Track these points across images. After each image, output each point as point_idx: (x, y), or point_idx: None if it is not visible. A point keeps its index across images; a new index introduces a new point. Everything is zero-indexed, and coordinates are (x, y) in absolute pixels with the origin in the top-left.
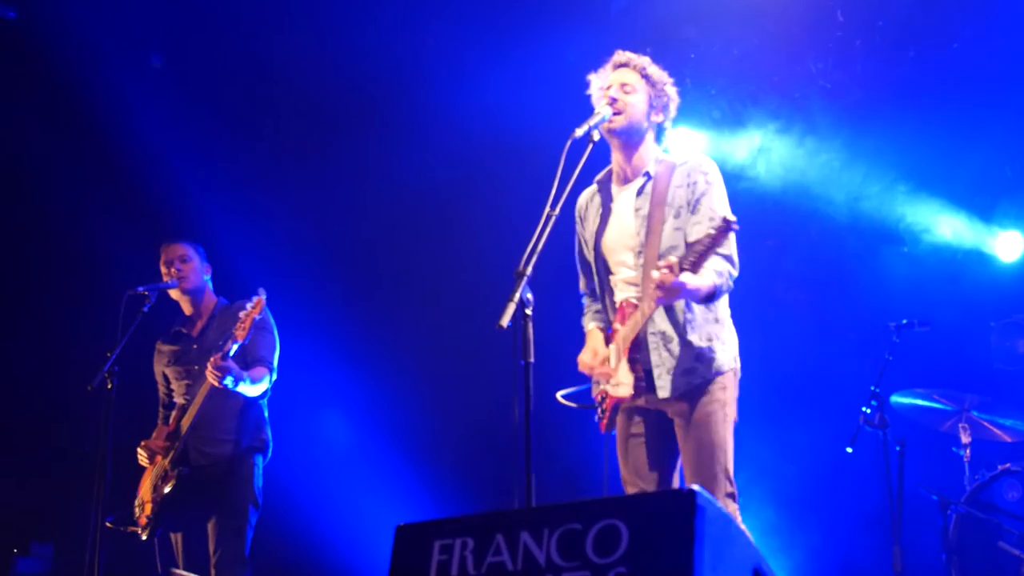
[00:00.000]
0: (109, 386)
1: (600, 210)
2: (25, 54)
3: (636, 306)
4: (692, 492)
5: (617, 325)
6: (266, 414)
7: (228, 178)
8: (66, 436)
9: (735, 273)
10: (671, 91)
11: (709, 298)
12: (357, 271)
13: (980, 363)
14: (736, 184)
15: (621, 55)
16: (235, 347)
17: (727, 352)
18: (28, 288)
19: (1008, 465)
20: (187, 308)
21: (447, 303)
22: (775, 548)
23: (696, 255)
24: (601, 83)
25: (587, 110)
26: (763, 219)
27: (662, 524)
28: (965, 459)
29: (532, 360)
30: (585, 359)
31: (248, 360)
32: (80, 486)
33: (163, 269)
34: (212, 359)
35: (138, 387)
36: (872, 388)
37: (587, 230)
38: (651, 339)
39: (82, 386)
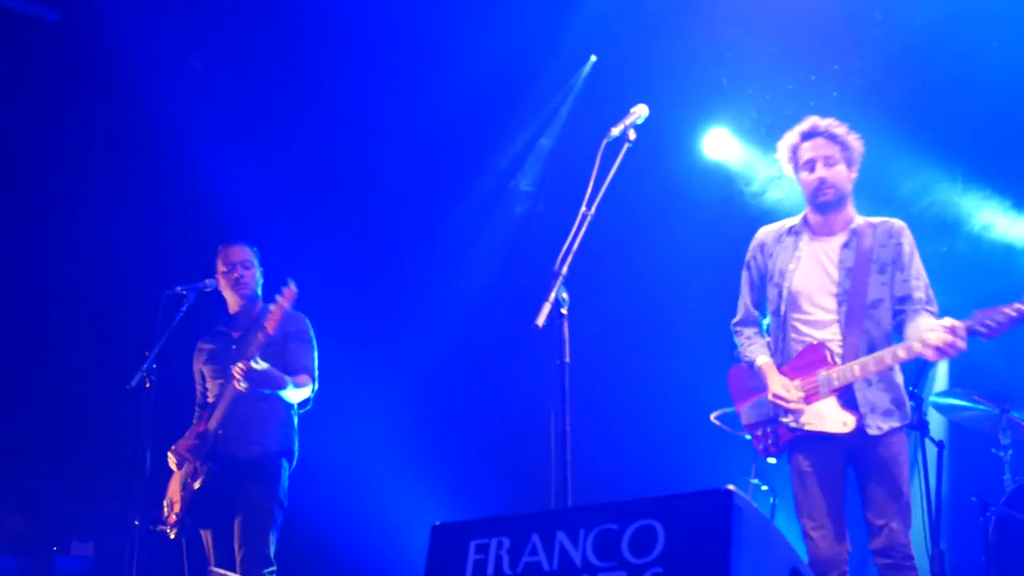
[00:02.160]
0: (147, 385)
1: (798, 253)
2: (67, 56)
3: (823, 347)
4: (728, 492)
5: (800, 363)
6: (295, 423)
7: (267, 179)
8: (106, 436)
9: None
10: (858, 144)
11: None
12: (393, 269)
13: (1022, 364)
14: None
15: (811, 124)
16: (263, 339)
17: (909, 403)
18: (69, 287)
19: None
20: (234, 308)
21: (483, 302)
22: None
23: (996, 324)
24: (791, 151)
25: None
26: None
27: (699, 524)
28: (1005, 460)
29: (568, 359)
30: (781, 393)
31: (289, 369)
32: (121, 485)
33: (221, 268)
34: (240, 364)
35: (176, 386)
36: (911, 388)
37: (775, 267)
38: (857, 381)
39: (121, 386)
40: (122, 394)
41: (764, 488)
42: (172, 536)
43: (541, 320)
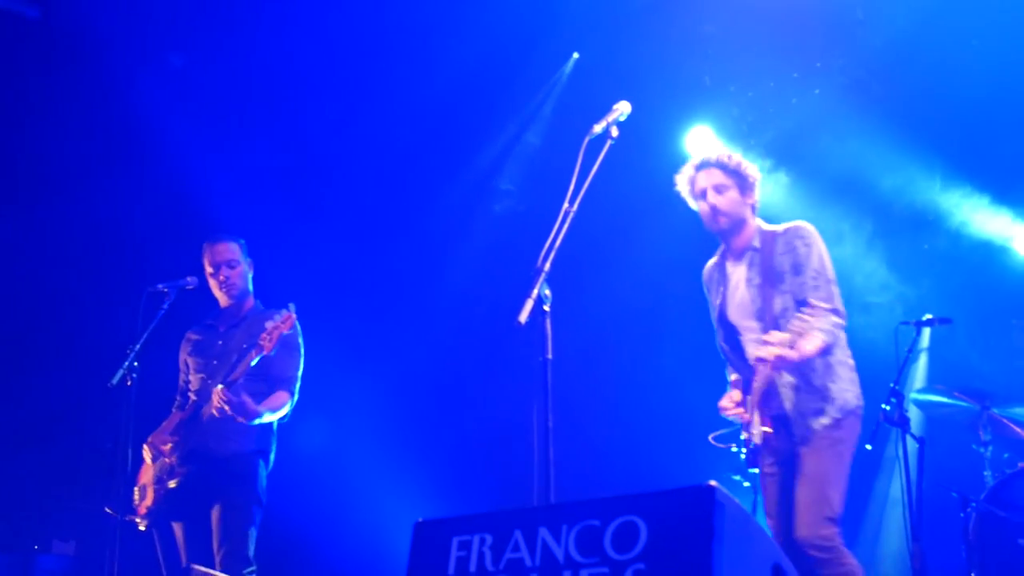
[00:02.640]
0: (129, 383)
1: (722, 286)
2: (47, 53)
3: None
4: (711, 488)
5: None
6: (275, 427)
7: (251, 173)
8: (87, 434)
9: (843, 322)
10: (753, 171)
11: (823, 353)
12: (375, 266)
13: (1001, 360)
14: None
15: (701, 156)
16: (258, 358)
17: (848, 393)
18: (49, 285)
19: None
20: (224, 302)
21: (466, 299)
22: None
23: (793, 335)
24: (688, 182)
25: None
26: (785, 216)
27: (681, 521)
28: (985, 456)
29: (551, 356)
30: (721, 403)
31: (270, 380)
32: (102, 484)
33: (208, 268)
34: (217, 391)
35: (158, 384)
36: (892, 385)
37: (713, 302)
38: (782, 390)
39: (103, 384)
40: (103, 392)
41: (746, 484)
42: (142, 528)
43: (524, 317)
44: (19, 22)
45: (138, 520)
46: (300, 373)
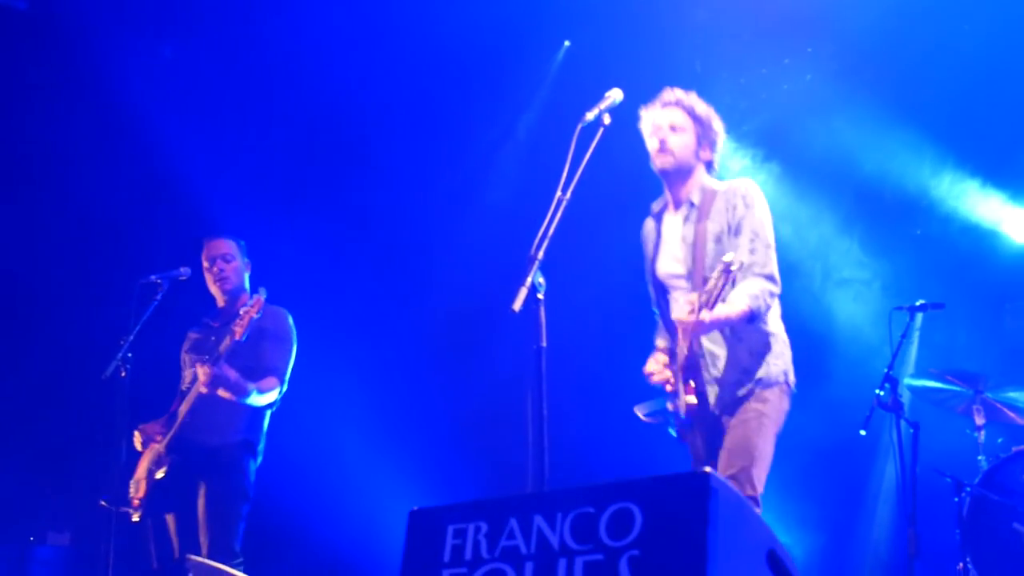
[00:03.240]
0: (123, 374)
1: (655, 238)
2: (37, 45)
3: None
4: (706, 475)
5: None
6: (264, 417)
7: (244, 167)
8: (81, 425)
9: (776, 290)
10: (719, 127)
11: (749, 320)
12: (372, 256)
13: (994, 344)
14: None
15: (670, 94)
16: (230, 343)
17: (776, 366)
18: (43, 277)
19: (1022, 447)
20: (221, 301)
21: (459, 287)
22: (791, 530)
23: (708, 295)
24: (650, 120)
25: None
26: (777, 202)
27: (676, 507)
28: (979, 441)
29: (545, 344)
30: (646, 367)
31: (259, 369)
32: (96, 475)
33: (205, 263)
34: (203, 367)
35: (152, 375)
36: (885, 370)
37: (647, 256)
38: (707, 357)
39: (96, 375)
40: (97, 383)
41: None
42: (136, 519)
43: (517, 305)
44: (8, 14)
45: (132, 511)
46: (291, 365)
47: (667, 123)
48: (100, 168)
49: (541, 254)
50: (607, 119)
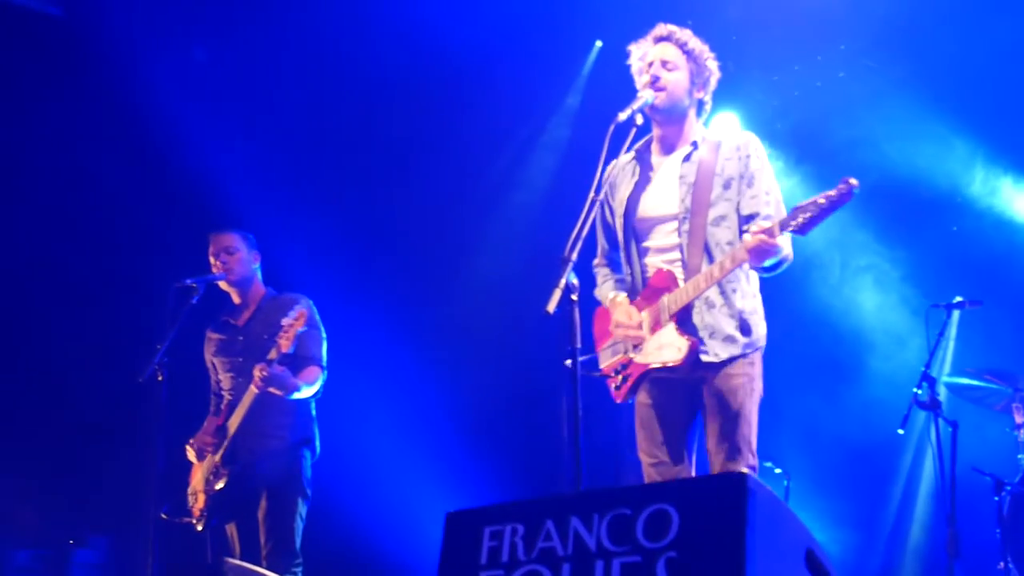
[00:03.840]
0: (160, 378)
1: (636, 177)
2: (70, 50)
3: (670, 274)
4: (742, 476)
5: (648, 293)
6: (313, 412)
7: (272, 167)
8: (120, 429)
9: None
10: (712, 66)
11: (772, 268)
12: (404, 257)
13: None
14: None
15: (662, 28)
16: (274, 353)
17: (761, 328)
18: (79, 281)
19: None
20: (235, 298)
21: (494, 288)
22: (829, 530)
23: (809, 215)
24: (641, 56)
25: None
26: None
27: (713, 508)
28: (1019, 439)
29: (579, 345)
30: (623, 320)
31: (298, 360)
32: (135, 478)
33: (211, 260)
34: (258, 368)
35: (189, 378)
36: (923, 368)
37: (617, 197)
38: (696, 303)
39: (134, 379)
40: (135, 387)
41: (777, 471)
42: (199, 529)
43: (552, 307)
44: (42, 20)
45: (194, 522)
46: (325, 348)
47: (659, 58)
48: (134, 171)
49: (575, 255)
50: (639, 120)
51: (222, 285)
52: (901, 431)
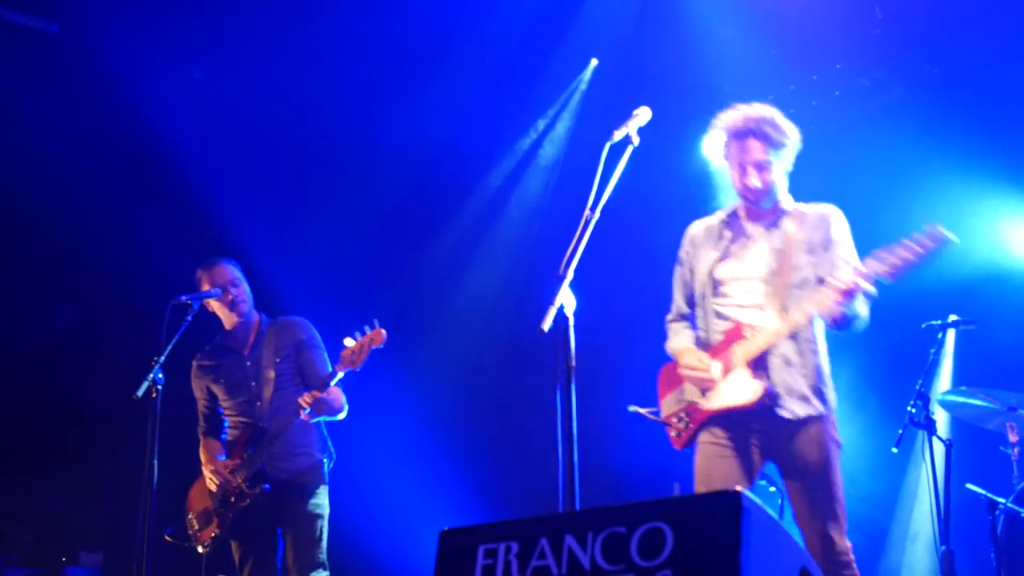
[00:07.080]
0: (154, 395)
1: (724, 241)
2: (67, 68)
3: (746, 327)
4: (737, 494)
5: (722, 345)
6: (323, 425)
7: (269, 187)
8: (113, 446)
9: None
10: (793, 140)
11: (847, 322)
12: (399, 276)
13: None
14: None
15: (743, 118)
16: (341, 374)
17: (833, 391)
18: (72, 299)
19: None
20: (229, 324)
21: (488, 306)
22: None
23: (899, 261)
24: (725, 150)
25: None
26: None
27: (707, 526)
28: (1013, 458)
29: (574, 364)
30: (693, 363)
31: (309, 378)
32: (129, 495)
33: (208, 288)
34: (307, 396)
35: (184, 396)
36: (917, 387)
37: (701, 257)
38: (773, 359)
39: (128, 395)
40: (129, 404)
41: (772, 489)
42: (202, 552)
43: (547, 324)
44: (39, 38)
45: (200, 547)
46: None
47: (752, 161)
48: (129, 190)
49: (570, 273)
50: (635, 138)
51: (215, 307)
52: (895, 450)
